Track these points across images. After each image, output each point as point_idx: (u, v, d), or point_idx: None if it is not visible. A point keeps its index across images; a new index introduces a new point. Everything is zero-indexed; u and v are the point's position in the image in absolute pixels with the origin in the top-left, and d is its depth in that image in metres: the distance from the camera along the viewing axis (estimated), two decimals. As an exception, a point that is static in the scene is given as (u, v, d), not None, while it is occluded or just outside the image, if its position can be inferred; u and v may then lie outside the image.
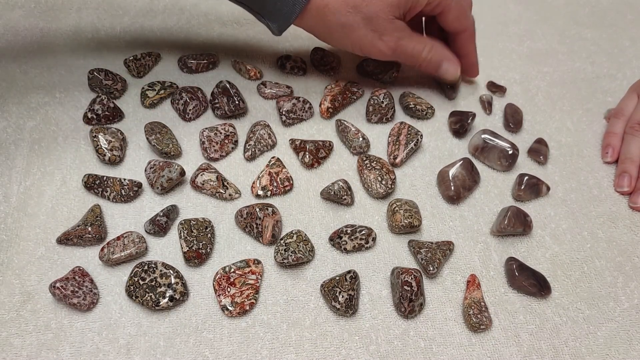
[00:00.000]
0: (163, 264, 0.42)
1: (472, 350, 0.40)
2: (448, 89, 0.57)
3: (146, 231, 0.45)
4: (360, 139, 0.51)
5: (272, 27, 0.51)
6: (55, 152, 0.51)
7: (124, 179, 0.47)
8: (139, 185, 0.48)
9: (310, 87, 0.58)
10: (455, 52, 0.55)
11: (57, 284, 0.40)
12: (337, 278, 0.42)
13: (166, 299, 0.40)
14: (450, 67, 0.54)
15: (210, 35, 0.64)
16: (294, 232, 0.45)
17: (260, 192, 0.48)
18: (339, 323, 0.41)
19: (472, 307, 0.41)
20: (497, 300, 0.43)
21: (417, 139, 0.51)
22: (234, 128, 0.53)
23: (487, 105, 0.56)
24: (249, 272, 0.43)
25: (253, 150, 0.51)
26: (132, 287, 0.41)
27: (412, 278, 0.41)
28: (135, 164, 0.50)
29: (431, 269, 0.43)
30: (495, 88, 0.58)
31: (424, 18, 0.57)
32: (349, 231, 0.45)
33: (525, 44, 0.66)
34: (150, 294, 0.40)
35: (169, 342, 0.39)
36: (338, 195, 0.46)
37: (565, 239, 0.47)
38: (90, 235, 0.43)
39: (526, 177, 0.49)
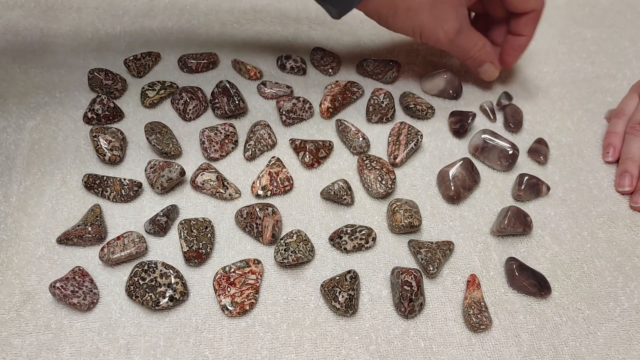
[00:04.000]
0: (163, 263, 0.42)
1: (472, 350, 0.40)
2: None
3: (146, 231, 0.45)
4: (360, 138, 0.51)
5: (332, 11, 0.51)
6: (55, 152, 0.51)
7: (124, 179, 0.47)
8: (139, 185, 0.48)
9: (310, 87, 0.58)
10: (511, 30, 0.54)
11: (57, 284, 0.40)
12: (337, 278, 0.42)
13: (166, 299, 0.40)
14: (491, 68, 0.55)
15: (210, 35, 0.64)
16: (294, 232, 0.45)
17: (260, 192, 0.48)
18: (339, 323, 0.41)
19: (472, 307, 0.41)
20: (497, 300, 0.43)
21: (417, 139, 0.51)
22: (234, 128, 0.53)
23: (490, 112, 0.56)
24: (249, 272, 0.43)
25: (253, 150, 0.51)
26: (132, 287, 0.41)
27: (412, 278, 0.41)
28: (135, 164, 0.50)
29: (431, 269, 0.43)
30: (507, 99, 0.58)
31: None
32: (349, 231, 0.45)
33: (525, 44, 0.65)
34: (150, 294, 0.40)
35: (169, 342, 0.39)
36: (338, 195, 0.46)
37: (565, 239, 0.47)
38: (90, 235, 0.43)
39: (526, 177, 0.49)
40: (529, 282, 0.42)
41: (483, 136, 0.51)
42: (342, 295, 0.40)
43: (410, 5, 0.48)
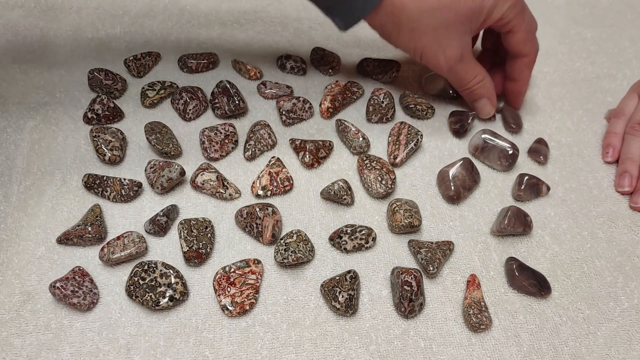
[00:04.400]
0: (163, 263, 0.42)
1: (472, 350, 0.40)
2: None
3: (146, 231, 0.45)
4: (360, 138, 0.51)
5: (339, 23, 0.51)
6: (55, 152, 0.51)
7: (124, 179, 0.47)
8: (139, 185, 0.48)
9: (310, 87, 0.58)
10: (507, 74, 0.55)
11: (57, 284, 0.40)
12: (337, 278, 0.42)
13: (166, 299, 0.40)
14: (487, 105, 0.54)
15: (210, 35, 0.64)
16: (294, 232, 0.45)
17: (260, 192, 0.48)
18: (339, 323, 0.41)
19: (472, 307, 0.41)
20: (497, 300, 0.43)
21: (417, 139, 0.51)
22: (234, 128, 0.53)
23: None
24: (249, 272, 0.43)
25: (253, 150, 0.51)
26: (132, 287, 0.41)
27: (412, 278, 0.41)
28: (135, 163, 0.50)
29: (431, 269, 0.43)
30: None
31: (481, 33, 0.57)
32: (349, 231, 0.45)
33: (525, 44, 0.65)
34: (150, 294, 0.40)
35: (169, 342, 0.39)
36: (338, 195, 0.46)
37: (565, 239, 0.47)
38: (90, 235, 0.43)
39: (526, 177, 0.49)
40: (529, 282, 0.42)
41: (483, 136, 0.51)
42: (342, 295, 0.40)
43: (415, 26, 0.48)
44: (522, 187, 0.48)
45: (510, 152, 0.50)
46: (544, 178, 0.51)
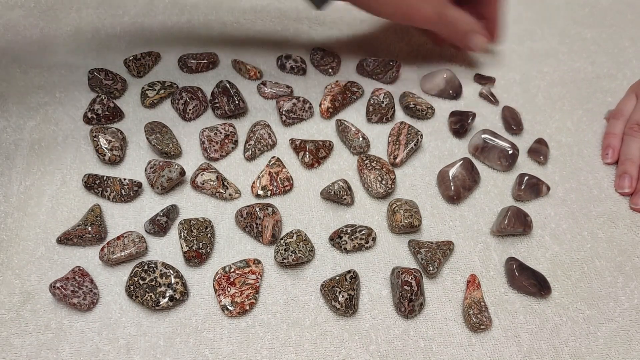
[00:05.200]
0: (163, 263, 0.42)
1: (472, 350, 0.40)
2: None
3: (146, 231, 0.45)
4: (360, 138, 0.51)
5: (314, 1, 0.51)
6: (55, 152, 0.51)
7: (124, 179, 0.47)
8: (139, 185, 0.48)
9: (310, 87, 0.58)
10: (481, 16, 0.56)
11: (57, 284, 0.40)
12: (337, 278, 0.42)
13: (166, 299, 0.40)
14: (479, 38, 0.56)
15: (210, 35, 0.64)
16: (294, 232, 0.45)
17: (260, 192, 0.48)
18: (339, 323, 0.41)
19: (472, 307, 0.41)
20: (497, 300, 0.43)
21: (417, 139, 0.51)
22: (234, 128, 0.53)
23: (491, 97, 0.57)
24: (249, 272, 0.43)
25: (253, 150, 0.51)
26: (132, 287, 0.41)
27: (412, 278, 0.41)
28: (135, 163, 0.50)
29: (431, 269, 0.43)
30: (484, 80, 0.59)
31: None
32: (349, 231, 0.45)
33: (525, 44, 0.66)
34: (150, 294, 0.40)
35: (169, 342, 0.39)
36: (338, 195, 0.46)
37: (565, 239, 0.47)
38: (90, 235, 0.44)
39: (526, 177, 0.49)
40: (529, 282, 0.42)
41: (483, 136, 0.51)
42: (342, 295, 0.40)
43: None
44: (522, 187, 0.48)
45: (510, 152, 0.50)
46: (544, 178, 0.51)
